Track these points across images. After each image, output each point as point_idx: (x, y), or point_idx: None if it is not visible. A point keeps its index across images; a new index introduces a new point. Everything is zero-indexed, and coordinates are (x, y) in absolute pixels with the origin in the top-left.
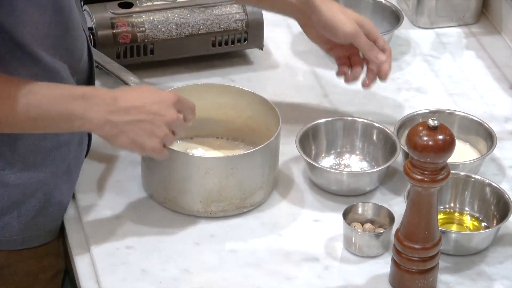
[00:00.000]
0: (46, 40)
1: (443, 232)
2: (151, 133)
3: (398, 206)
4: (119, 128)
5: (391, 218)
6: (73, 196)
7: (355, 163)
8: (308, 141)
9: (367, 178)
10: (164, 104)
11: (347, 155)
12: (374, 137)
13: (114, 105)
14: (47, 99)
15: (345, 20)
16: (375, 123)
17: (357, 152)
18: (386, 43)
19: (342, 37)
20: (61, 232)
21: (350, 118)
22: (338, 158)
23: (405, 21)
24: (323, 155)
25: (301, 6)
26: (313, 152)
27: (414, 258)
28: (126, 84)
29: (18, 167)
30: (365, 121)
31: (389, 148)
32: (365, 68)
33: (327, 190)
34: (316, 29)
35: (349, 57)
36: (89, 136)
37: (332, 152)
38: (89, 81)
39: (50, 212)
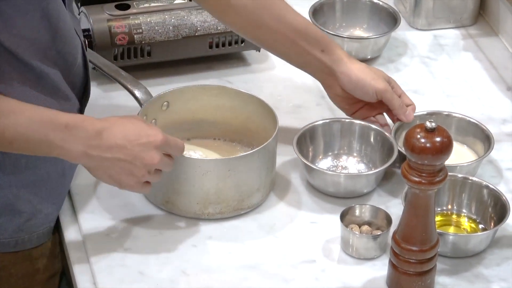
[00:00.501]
0: (34, 45)
1: (441, 234)
2: (129, 173)
3: (395, 208)
4: (96, 162)
5: (389, 220)
6: (70, 198)
7: (353, 165)
8: (305, 143)
9: (364, 180)
10: (147, 146)
11: (344, 157)
12: (372, 139)
13: (96, 139)
14: (27, 124)
15: (375, 77)
16: (372, 125)
17: (355, 154)
18: (409, 98)
19: (373, 94)
20: (58, 233)
21: (347, 120)
22: (335, 160)
23: (403, 23)
24: (320, 157)
25: (332, 65)
26: (311, 154)
27: (411, 260)
28: (123, 85)
29: (10, 169)
30: (363, 123)
31: (387, 150)
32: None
33: (324, 192)
34: (344, 89)
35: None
36: None
37: (330, 154)
38: (85, 85)
39: (44, 215)
